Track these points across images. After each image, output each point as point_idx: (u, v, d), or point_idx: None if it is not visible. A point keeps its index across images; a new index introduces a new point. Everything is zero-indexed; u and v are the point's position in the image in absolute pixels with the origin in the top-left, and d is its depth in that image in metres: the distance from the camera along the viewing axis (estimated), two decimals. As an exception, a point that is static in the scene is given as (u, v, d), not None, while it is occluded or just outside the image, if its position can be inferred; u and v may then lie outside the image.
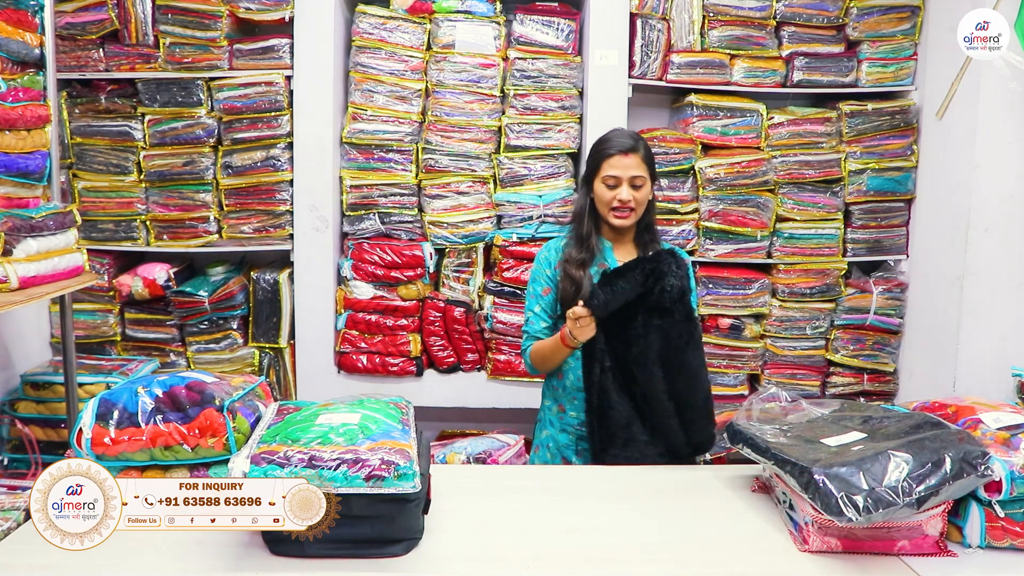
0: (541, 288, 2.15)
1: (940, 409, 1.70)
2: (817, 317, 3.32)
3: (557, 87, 3.20)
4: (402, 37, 3.16)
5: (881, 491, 1.34)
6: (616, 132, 2.14)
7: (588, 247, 2.10)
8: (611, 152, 2.07)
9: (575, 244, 2.13)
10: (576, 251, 2.11)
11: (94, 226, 3.17)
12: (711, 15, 3.21)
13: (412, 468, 1.37)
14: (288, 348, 3.27)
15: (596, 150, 2.12)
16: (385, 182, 3.19)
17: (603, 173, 2.07)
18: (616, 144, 2.07)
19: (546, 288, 2.14)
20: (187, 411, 1.55)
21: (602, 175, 2.07)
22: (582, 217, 2.14)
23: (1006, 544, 1.46)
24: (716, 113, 3.23)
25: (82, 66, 3.10)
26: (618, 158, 2.05)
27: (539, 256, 2.20)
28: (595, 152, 2.12)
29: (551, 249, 2.18)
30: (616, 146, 2.07)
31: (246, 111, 3.12)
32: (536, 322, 2.14)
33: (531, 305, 2.16)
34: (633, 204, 2.06)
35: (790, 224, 3.27)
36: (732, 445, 1.72)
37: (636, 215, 2.10)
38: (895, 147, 3.27)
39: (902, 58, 3.25)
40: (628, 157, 2.05)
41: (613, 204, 2.06)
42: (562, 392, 2.18)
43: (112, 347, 3.23)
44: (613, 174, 2.05)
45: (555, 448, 2.20)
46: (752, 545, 1.50)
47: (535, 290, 2.16)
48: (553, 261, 2.15)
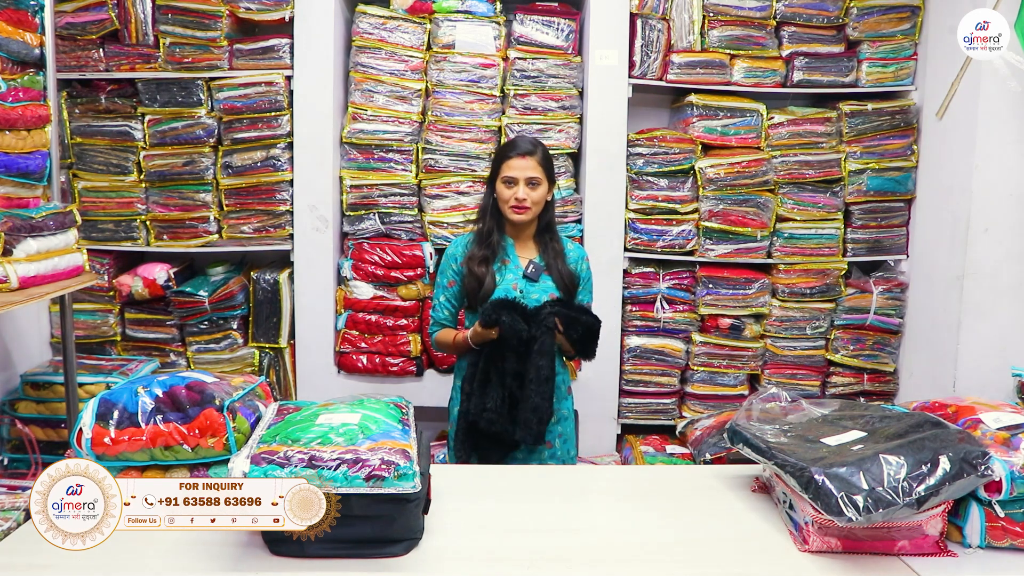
0: (447, 280, 2.35)
1: (940, 409, 1.70)
2: (817, 317, 3.32)
3: (557, 87, 3.20)
4: (402, 37, 3.16)
5: (881, 491, 1.34)
6: (519, 137, 2.35)
7: (490, 244, 2.29)
8: (510, 155, 2.26)
9: (477, 242, 2.32)
10: (478, 248, 2.30)
11: (94, 226, 3.17)
12: (711, 15, 3.21)
13: (412, 468, 1.37)
14: (288, 348, 3.27)
15: (498, 153, 2.33)
16: (385, 182, 3.19)
17: (503, 174, 2.26)
18: (516, 147, 2.27)
19: (451, 281, 2.34)
20: (187, 411, 1.55)
21: (502, 176, 2.26)
22: (485, 215, 2.34)
23: (1006, 544, 1.46)
24: (716, 113, 3.23)
25: (82, 66, 3.10)
26: (516, 160, 2.25)
27: (447, 251, 2.39)
28: (497, 155, 2.32)
29: (458, 245, 2.37)
30: (516, 149, 2.27)
31: (246, 111, 3.12)
32: (441, 310, 2.36)
33: (438, 295, 2.37)
34: (529, 203, 2.25)
35: (790, 224, 3.27)
36: (732, 445, 1.72)
37: (533, 213, 2.28)
38: (895, 147, 3.27)
39: (902, 58, 3.25)
40: (526, 159, 2.24)
41: (511, 202, 2.25)
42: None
43: (112, 347, 3.23)
44: (511, 175, 2.25)
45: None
46: (752, 545, 1.50)
47: (442, 282, 2.36)
48: (459, 257, 2.34)
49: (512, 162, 2.25)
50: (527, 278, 2.29)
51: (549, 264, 2.31)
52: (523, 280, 2.29)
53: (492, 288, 2.26)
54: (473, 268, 2.28)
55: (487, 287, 2.25)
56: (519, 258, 2.32)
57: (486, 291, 2.26)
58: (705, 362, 3.32)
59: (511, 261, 2.31)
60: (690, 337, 3.32)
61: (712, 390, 3.34)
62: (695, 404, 3.34)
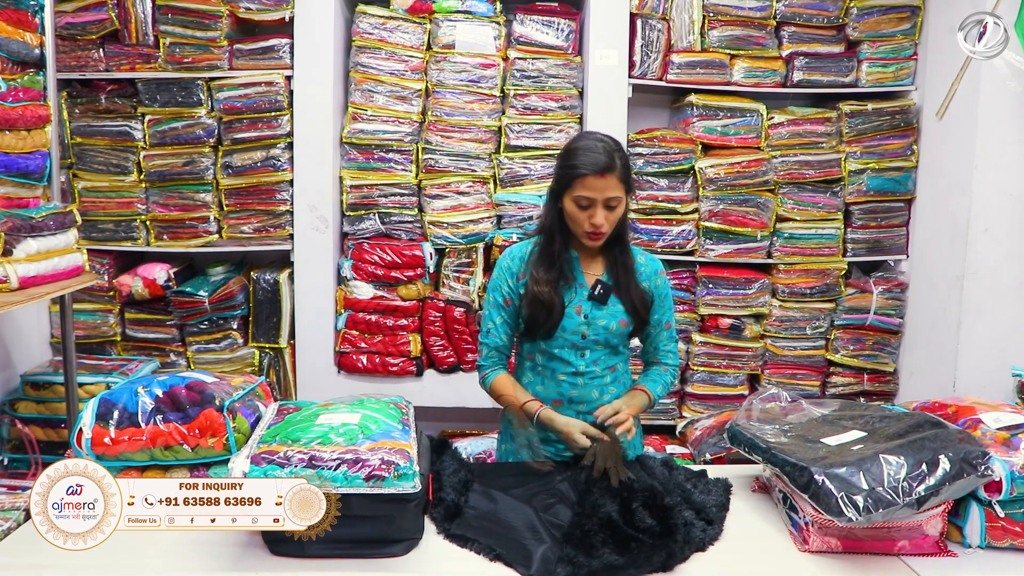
0: (503, 298, 1.94)
1: (940, 409, 1.70)
2: (817, 317, 3.32)
3: (557, 87, 3.20)
4: (402, 37, 3.16)
5: (881, 491, 1.34)
6: (590, 144, 1.83)
7: (558, 265, 1.89)
8: (586, 173, 1.79)
9: (543, 262, 1.90)
10: (545, 270, 1.89)
11: (94, 226, 3.17)
12: (711, 15, 3.21)
13: (412, 468, 1.37)
14: (288, 348, 3.27)
15: (568, 166, 1.83)
16: (385, 182, 3.19)
17: (575, 192, 1.81)
18: (593, 163, 1.79)
19: (508, 299, 1.93)
20: (187, 411, 1.55)
21: (574, 194, 1.81)
22: (552, 233, 1.90)
23: (1006, 544, 1.46)
24: (716, 113, 3.23)
25: (82, 66, 3.10)
26: (592, 179, 1.78)
27: (500, 263, 1.97)
28: (567, 168, 1.83)
29: (514, 258, 1.96)
30: (591, 165, 1.78)
31: (246, 111, 3.12)
32: (498, 334, 1.94)
33: (492, 316, 1.95)
34: (607, 228, 1.83)
35: (790, 224, 3.27)
36: (732, 445, 1.72)
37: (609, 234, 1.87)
38: (895, 147, 3.27)
39: (902, 58, 3.25)
40: (604, 179, 1.78)
41: (585, 226, 1.83)
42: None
43: (112, 347, 3.23)
44: (587, 195, 1.80)
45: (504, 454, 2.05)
46: (752, 545, 1.50)
47: (496, 299, 1.95)
48: (516, 271, 1.94)
49: (588, 182, 1.78)
50: (594, 300, 1.89)
51: (618, 282, 1.90)
52: (588, 303, 1.89)
53: (560, 318, 1.87)
54: (540, 292, 1.87)
55: (555, 316, 1.86)
56: (585, 275, 1.92)
57: (554, 321, 1.87)
58: (705, 362, 3.32)
59: (576, 279, 1.91)
60: (690, 337, 3.32)
61: (712, 390, 3.34)
62: (695, 404, 3.34)
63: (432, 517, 1.54)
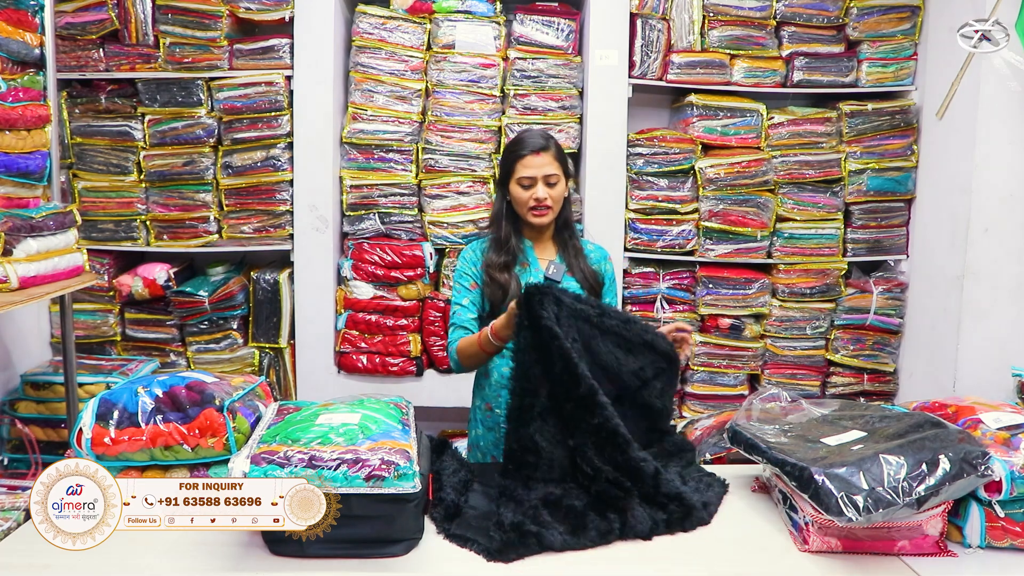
0: (468, 283, 2.13)
1: (940, 409, 1.70)
2: (817, 317, 3.32)
3: (557, 87, 3.20)
4: (402, 37, 3.16)
5: (881, 491, 1.34)
6: (527, 133, 2.13)
7: (508, 249, 2.10)
8: (523, 153, 2.05)
9: (495, 248, 2.12)
10: (496, 255, 2.10)
11: (94, 226, 3.17)
12: (711, 15, 3.21)
13: (412, 468, 1.37)
14: (288, 348, 3.27)
15: (508, 152, 2.11)
16: (385, 182, 3.19)
17: (517, 175, 2.06)
18: (528, 144, 2.06)
19: (473, 283, 2.13)
20: (187, 411, 1.55)
21: (516, 176, 2.06)
22: (500, 220, 2.13)
23: (1006, 544, 1.46)
24: (716, 113, 3.23)
25: (82, 66, 3.10)
26: (530, 158, 2.04)
27: (462, 255, 2.18)
28: (508, 154, 2.11)
29: (475, 250, 2.17)
30: (528, 146, 2.06)
31: (246, 111, 3.12)
32: (464, 313, 2.11)
33: (459, 299, 2.13)
34: (550, 202, 2.06)
35: (790, 224, 3.27)
36: (732, 445, 1.72)
37: (554, 212, 2.09)
38: (895, 147, 3.27)
39: (902, 58, 3.25)
40: (540, 156, 2.04)
41: (530, 204, 2.06)
42: (488, 390, 2.16)
43: (112, 347, 3.23)
44: (527, 175, 2.04)
45: (484, 447, 2.18)
46: (752, 545, 1.50)
47: (463, 284, 2.14)
48: (477, 261, 2.14)
49: (526, 160, 2.04)
50: (549, 279, 2.06)
51: (570, 264, 2.13)
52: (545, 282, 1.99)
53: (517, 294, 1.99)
54: (495, 275, 2.08)
55: (512, 293, 2.04)
56: (539, 260, 2.14)
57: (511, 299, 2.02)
58: (705, 362, 3.32)
59: (531, 264, 2.13)
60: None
61: (712, 390, 3.34)
62: (695, 404, 3.34)
63: (432, 517, 1.54)
